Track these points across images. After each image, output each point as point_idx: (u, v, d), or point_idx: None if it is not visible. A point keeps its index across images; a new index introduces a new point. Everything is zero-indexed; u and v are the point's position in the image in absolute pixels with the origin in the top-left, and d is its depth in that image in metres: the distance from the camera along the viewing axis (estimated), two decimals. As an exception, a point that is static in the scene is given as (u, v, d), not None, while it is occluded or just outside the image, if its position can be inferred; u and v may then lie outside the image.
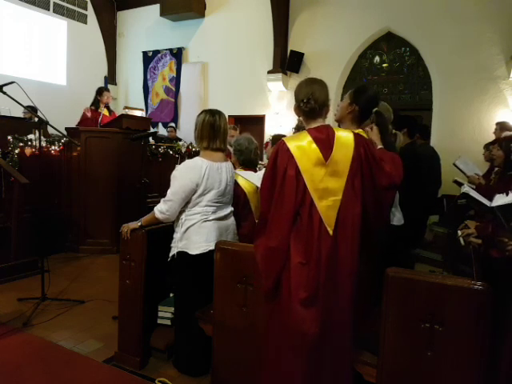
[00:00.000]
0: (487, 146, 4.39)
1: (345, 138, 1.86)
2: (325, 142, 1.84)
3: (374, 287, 1.97)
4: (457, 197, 4.08)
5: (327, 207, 1.79)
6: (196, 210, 2.37)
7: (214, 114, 2.43)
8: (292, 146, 1.83)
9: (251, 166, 2.95)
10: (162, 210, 2.35)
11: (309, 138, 1.84)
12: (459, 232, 2.35)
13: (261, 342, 1.96)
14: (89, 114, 5.46)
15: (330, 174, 1.81)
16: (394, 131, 2.95)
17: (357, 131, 2.10)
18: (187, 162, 2.41)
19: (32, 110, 3.50)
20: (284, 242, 1.80)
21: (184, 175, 2.33)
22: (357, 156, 1.83)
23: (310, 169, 1.80)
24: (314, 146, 1.82)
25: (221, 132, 2.43)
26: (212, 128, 2.40)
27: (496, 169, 3.73)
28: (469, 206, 2.44)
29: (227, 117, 2.66)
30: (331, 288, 1.77)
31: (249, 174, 2.81)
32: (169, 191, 2.34)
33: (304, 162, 1.81)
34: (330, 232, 1.78)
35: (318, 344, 1.77)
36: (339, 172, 1.82)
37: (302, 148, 1.83)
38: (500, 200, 1.70)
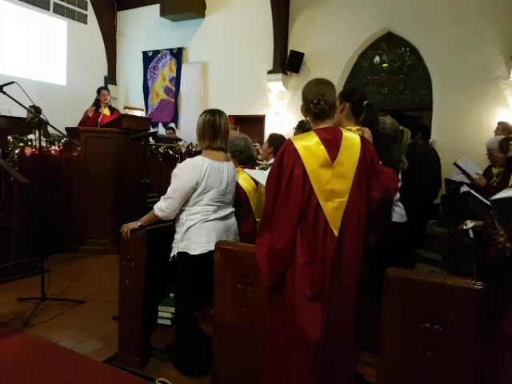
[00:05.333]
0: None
1: (352, 139, 1.86)
2: (332, 142, 1.83)
3: (375, 287, 1.97)
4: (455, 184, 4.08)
5: (333, 209, 1.79)
6: (196, 209, 2.37)
7: (214, 113, 2.44)
8: (299, 146, 1.83)
9: (251, 162, 2.96)
10: (161, 207, 2.36)
11: (316, 139, 1.84)
12: (466, 223, 2.32)
13: (262, 341, 1.96)
14: (90, 114, 5.46)
15: (336, 176, 1.81)
16: (401, 128, 2.94)
17: (354, 129, 2.10)
18: (188, 160, 2.42)
19: (35, 110, 3.50)
20: (289, 243, 1.80)
21: (185, 173, 2.34)
22: (363, 157, 1.83)
23: (316, 170, 1.80)
24: (322, 146, 1.82)
25: (221, 131, 2.43)
26: (212, 127, 2.40)
27: (493, 169, 3.75)
28: (468, 207, 2.44)
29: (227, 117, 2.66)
30: (336, 288, 1.78)
31: (256, 173, 2.82)
32: (169, 189, 2.35)
33: (311, 162, 1.80)
34: (336, 233, 1.78)
35: (322, 344, 1.77)
36: (345, 173, 1.82)
37: (309, 148, 1.82)
38: (502, 194, 1.69)
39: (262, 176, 2.69)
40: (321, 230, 1.78)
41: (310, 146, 1.82)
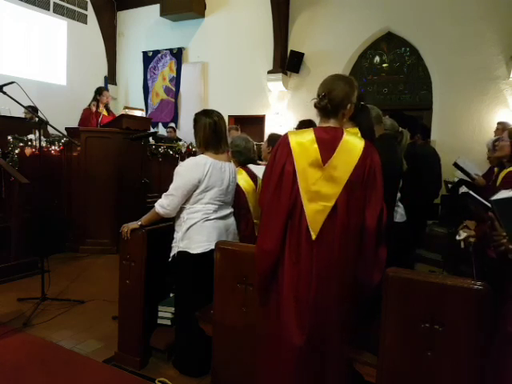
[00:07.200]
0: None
1: (352, 144, 1.75)
2: (328, 143, 1.75)
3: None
4: (453, 185, 4.08)
5: (315, 211, 1.72)
6: (197, 207, 2.38)
7: (211, 116, 2.43)
8: (293, 141, 1.78)
9: (251, 164, 2.96)
10: (162, 204, 2.37)
11: (311, 136, 1.77)
12: (460, 233, 2.34)
13: (255, 343, 1.94)
14: (94, 109, 5.44)
15: (325, 178, 1.73)
16: (400, 129, 2.95)
17: (353, 130, 2.05)
18: (191, 158, 2.44)
19: (32, 110, 3.51)
20: (277, 243, 1.75)
21: (187, 171, 2.35)
22: (361, 165, 1.72)
23: (304, 168, 1.74)
24: (315, 146, 1.75)
25: (223, 134, 2.46)
26: (214, 132, 2.41)
27: (495, 169, 3.74)
28: (467, 207, 2.44)
29: (227, 117, 2.67)
30: (320, 291, 1.72)
31: (259, 169, 2.83)
32: (171, 186, 2.36)
33: (301, 160, 1.75)
34: (313, 236, 1.71)
35: (305, 346, 1.73)
36: (337, 178, 1.72)
37: (303, 145, 1.76)
38: (502, 194, 1.68)
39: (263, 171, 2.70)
40: (303, 230, 1.73)
41: (303, 143, 1.76)
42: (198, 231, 2.36)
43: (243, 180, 2.80)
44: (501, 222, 1.62)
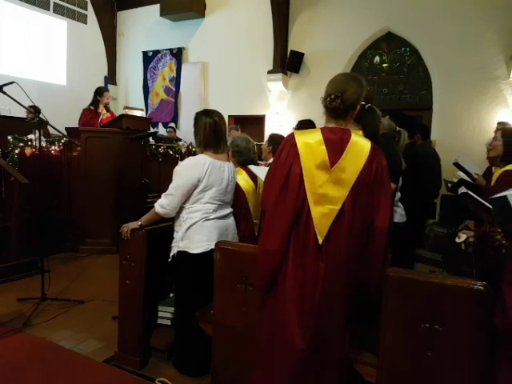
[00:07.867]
0: None
1: (360, 145, 1.72)
2: (336, 145, 1.71)
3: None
4: (453, 185, 4.08)
5: (322, 214, 1.69)
6: (197, 207, 2.38)
7: (211, 116, 2.44)
8: (300, 141, 1.74)
9: (251, 164, 2.96)
10: (162, 204, 2.37)
11: (319, 137, 1.73)
12: (459, 235, 2.35)
13: (255, 343, 1.93)
14: (91, 115, 5.45)
15: (332, 181, 1.70)
16: (397, 129, 2.95)
17: (357, 132, 2.05)
18: (190, 158, 2.45)
19: (35, 110, 3.52)
20: (281, 244, 1.72)
21: (186, 170, 2.36)
22: (367, 168, 1.69)
23: (311, 170, 1.71)
24: (323, 147, 1.71)
25: (223, 134, 2.47)
26: (215, 132, 2.42)
27: (493, 168, 3.73)
28: (467, 207, 2.44)
29: (227, 117, 2.68)
30: (325, 293, 1.70)
31: (259, 169, 2.83)
32: (170, 185, 2.37)
33: (308, 161, 1.71)
34: (320, 240, 1.68)
35: (307, 352, 1.72)
36: (344, 181, 1.69)
37: (310, 146, 1.72)
38: (503, 193, 1.69)
39: (264, 172, 2.69)
40: (310, 233, 1.70)
41: (310, 144, 1.73)
42: (198, 231, 2.36)
43: (243, 180, 2.80)
44: (496, 218, 1.64)
